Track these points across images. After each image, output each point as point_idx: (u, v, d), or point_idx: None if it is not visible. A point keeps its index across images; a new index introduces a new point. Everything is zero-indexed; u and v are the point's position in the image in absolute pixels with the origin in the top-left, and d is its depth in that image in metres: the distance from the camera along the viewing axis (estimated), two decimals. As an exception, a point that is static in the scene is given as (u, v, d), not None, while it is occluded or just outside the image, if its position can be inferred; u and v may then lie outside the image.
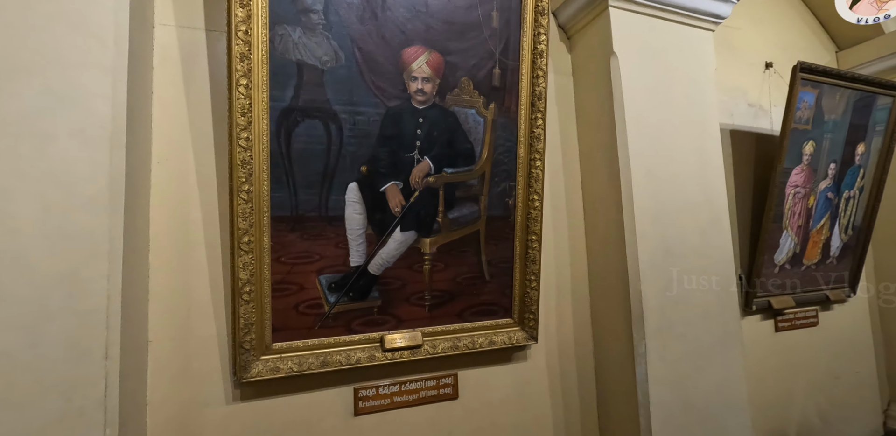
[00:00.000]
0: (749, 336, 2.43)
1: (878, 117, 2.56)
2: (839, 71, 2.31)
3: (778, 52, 2.79)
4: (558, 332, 1.98)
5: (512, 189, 1.77)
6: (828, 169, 2.48)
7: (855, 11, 2.47)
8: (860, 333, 2.84)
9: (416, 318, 1.67)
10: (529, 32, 1.73)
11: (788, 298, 2.50)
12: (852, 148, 2.53)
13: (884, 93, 2.51)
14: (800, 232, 2.48)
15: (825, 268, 2.65)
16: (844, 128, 2.47)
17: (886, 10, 2.36)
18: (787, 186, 2.36)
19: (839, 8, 2.52)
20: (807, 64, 2.21)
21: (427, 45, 1.60)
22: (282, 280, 1.49)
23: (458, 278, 1.72)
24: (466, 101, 1.67)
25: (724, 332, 1.96)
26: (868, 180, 2.65)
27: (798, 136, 2.33)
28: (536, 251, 1.80)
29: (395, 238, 1.61)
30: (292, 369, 1.48)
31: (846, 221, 2.64)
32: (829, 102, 2.36)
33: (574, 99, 2.14)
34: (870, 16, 2.41)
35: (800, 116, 2.30)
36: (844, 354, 2.75)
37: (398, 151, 1.59)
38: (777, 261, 2.45)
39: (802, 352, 2.59)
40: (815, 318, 2.66)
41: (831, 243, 2.62)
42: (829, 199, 2.53)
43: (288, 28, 1.44)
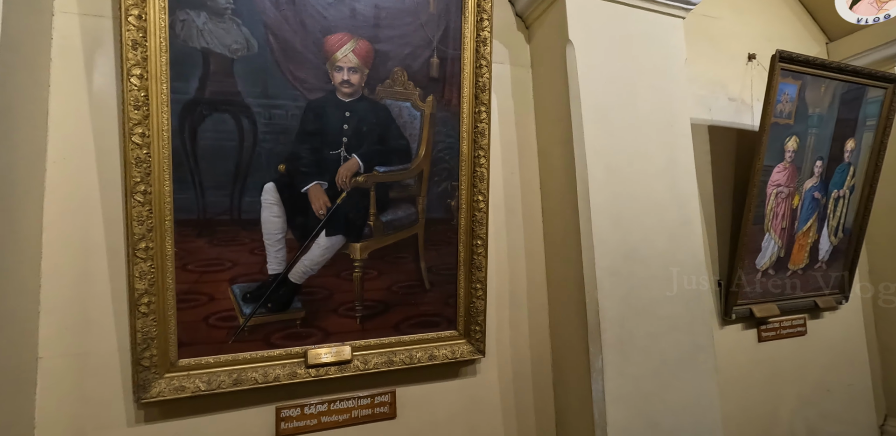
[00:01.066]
0: (729, 347, 2.26)
1: (869, 111, 2.38)
2: (823, 61, 2.14)
3: (762, 43, 2.62)
4: (513, 345, 1.83)
5: (455, 189, 1.63)
6: (814, 167, 2.30)
7: (855, 11, 2.47)
8: (853, 342, 2.65)
9: (345, 330, 1.52)
10: (472, 19, 1.59)
11: (772, 306, 2.32)
12: (841, 144, 2.36)
13: (874, 84, 2.34)
14: (784, 235, 2.30)
15: (814, 273, 2.47)
16: (831, 122, 2.29)
17: (886, 10, 2.35)
18: (768, 185, 2.19)
19: (839, 8, 2.51)
20: (787, 53, 2.04)
21: (353, 33, 1.46)
22: (189, 290, 1.35)
23: (393, 287, 1.57)
24: (400, 93, 1.53)
25: (694, 344, 1.79)
26: (859, 179, 2.46)
27: (780, 131, 2.16)
28: (482, 257, 1.65)
29: (319, 243, 1.47)
30: (200, 388, 1.34)
31: (836, 223, 2.46)
32: (813, 95, 2.19)
33: (533, 92, 1.99)
34: (870, 16, 2.42)
35: (781, 109, 2.13)
36: (836, 365, 2.56)
37: (322, 149, 1.46)
38: (759, 266, 2.27)
39: (789, 363, 2.41)
40: (803, 327, 2.48)
41: (820, 247, 2.44)
42: (816, 199, 2.35)
43: (191, 13, 1.30)
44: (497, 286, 1.82)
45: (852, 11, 2.48)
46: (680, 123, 1.90)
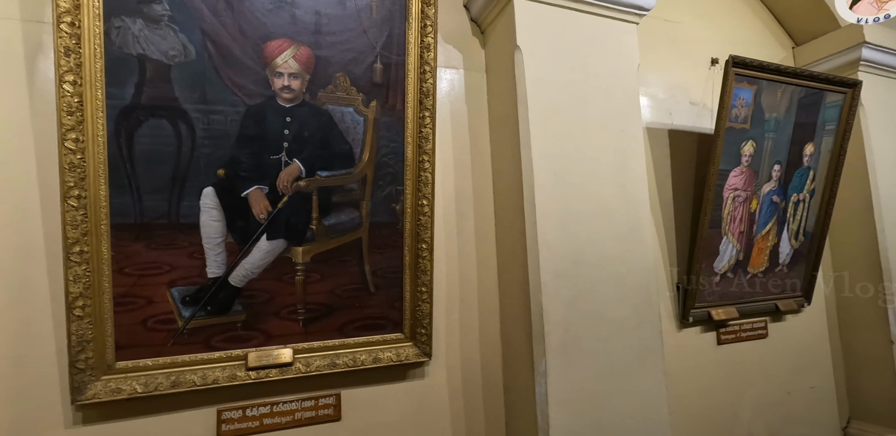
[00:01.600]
0: (688, 350, 2.28)
1: (828, 116, 2.40)
2: (778, 66, 2.16)
3: (726, 47, 2.63)
4: (463, 348, 1.84)
5: (399, 193, 1.64)
6: (771, 171, 2.32)
7: (855, 11, 2.41)
8: (817, 345, 2.67)
9: (288, 333, 1.54)
10: (415, 25, 1.60)
11: (732, 309, 2.34)
12: (799, 148, 2.37)
13: (832, 89, 2.35)
14: (742, 238, 2.32)
15: (775, 276, 2.48)
16: (789, 127, 2.31)
17: (886, 10, 2.30)
18: (724, 189, 2.21)
19: (839, 8, 2.46)
20: (740, 58, 2.06)
21: (294, 39, 1.48)
22: (126, 293, 1.37)
23: (337, 290, 1.59)
24: (343, 98, 1.55)
25: (642, 348, 1.81)
26: (819, 183, 2.48)
27: (736, 135, 2.17)
28: (428, 261, 1.67)
29: (260, 247, 1.49)
30: (136, 390, 1.36)
31: (797, 227, 2.48)
32: (769, 100, 2.21)
33: (487, 97, 2.00)
34: (870, 16, 2.36)
35: (736, 114, 2.15)
36: (798, 367, 2.58)
37: (262, 153, 1.47)
38: (717, 269, 2.29)
39: (749, 366, 2.42)
40: (764, 329, 2.49)
41: (780, 250, 2.45)
42: (775, 203, 2.37)
43: (127, 20, 1.32)
44: (448, 289, 1.83)
45: (852, 11, 2.41)
46: (632, 128, 1.92)
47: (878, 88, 2.70)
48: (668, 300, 2.27)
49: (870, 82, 2.66)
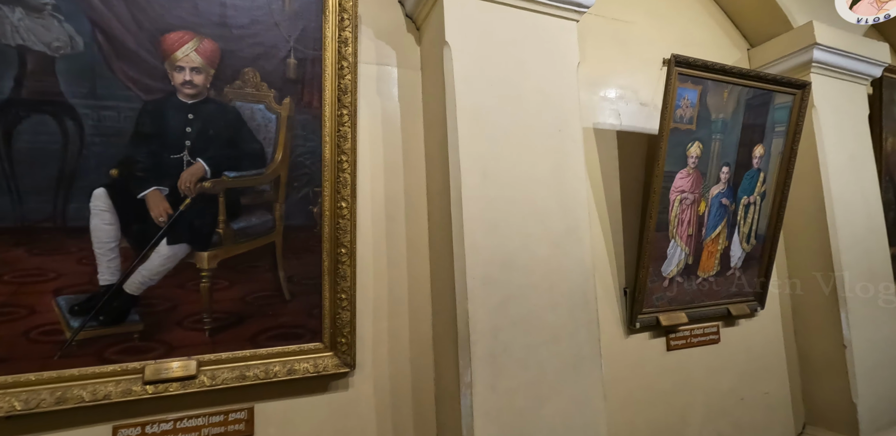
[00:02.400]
0: (635, 356, 2.22)
1: (778, 117, 2.37)
2: (722, 66, 2.12)
3: (679, 48, 2.59)
4: (392, 357, 1.76)
5: (317, 195, 1.56)
6: (720, 173, 2.28)
7: (855, 11, 2.41)
8: (771, 350, 2.63)
9: (192, 344, 1.44)
10: (332, 18, 1.53)
11: (681, 314, 2.28)
12: (748, 150, 2.34)
13: (781, 90, 2.32)
14: (690, 241, 2.27)
15: (726, 280, 2.44)
16: (737, 128, 2.27)
17: (886, 10, 2.32)
18: (671, 191, 2.16)
19: (839, 8, 2.46)
20: (683, 57, 2.01)
21: (196, 31, 1.40)
22: (5, 302, 1.26)
23: (248, 298, 1.50)
24: (252, 95, 1.47)
25: (577, 356, 1.74)
26: (770, 185, 2.45)
27: (681, 136, 2.13)
28: (347, 266, 1.59)
29: (160, 252, 1.39)
30: (15, 408, 1.25)
31: (748, 230, 2.44)
32: (714, 100, 2.17)
33: (422, 96, 1.93)
34: (870, 16, 2.37)
35: (681, 114, 2.10)
36: (751, 373, 2.53)
37: (161, 152, 1.38)
38: (666, 273, 2.24)
39: (700, 372, 2.37)
40: (716, 334, 2.44)
41: (731, 254, 2.41)
42: (724, 205, 2.33)
43: (5, 9, 1.23)
44: (376, 296, 1.75)
45: (852, 11, 2.41)
46: (570, 128, 1.86)
47: (831, 90, 2.68)
48: (614, 305, 2.21)
49: (822, 84, 2.65)
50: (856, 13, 2.41)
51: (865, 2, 2.37)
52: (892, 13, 2.29)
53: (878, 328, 2.58)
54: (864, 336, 2.52)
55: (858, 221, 2.65)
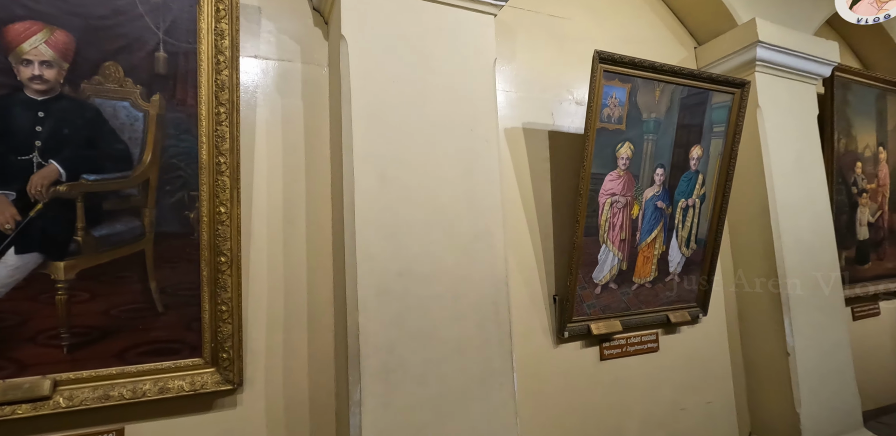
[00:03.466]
0: (565, 367, 2.12)
1: (716, 117, 2.28)
2: (652, 63, 2.03)
3: (618, 46, 2.50)
4: (288, 372, 1.65)
5: (193, 200, 1.45)
6: (654, 175, 2.19)
7: (855, 11, 2.40)
8: (714, 357, 2.54)
9: (48, 362, 1.33)
10: (208, 9, 1.42)
11: (615, 322, 2.19)
12: (685, 151, 2.25)
13: (719, 89, 2.24)
14: (624, 246, 2.18)
15: (666, 286, 2.35)
16: (671, 129, 2.18)
17: (886, 10, 2.31)
18: (600, 194, 2.07)
19: (839, 8, 2.44)
20: (607, 54, 1.92)
21: (46, 21, 1.28)
22: None
23: (113, 311, 1.38)
24: (114, 91, 1.35)
25: (486, 370, 1.64)
26: (710, 188, 2.36)
27: (610, 137, 2.03)
28: (228, 276, 1.47)
29: (7, 262, 1.27)
30: None
31: (687, 234, 2.35)
32: (646, 99, 2.08)
33: (329, 93, 1.83)
34: (870, 16, 2.36)
35: (609, 114, 2.01)
36: (693, 382, 2.44)
37: (6, 154, 1.26)
38: (598, 280, 2.14)
39: (637, 382, 2.28)
40: (655, 343, 2.35)
41: (669, 259, 2.32)
42: (660, 208, 2.24)
43: None
44: (270, 306, 1.64)
45: (852, 11, 2.40)
46: (484, 128, 1.76)
47: (777, 89, 2.61)
48: (543, 314, 2.11)
49: (767, 83, 2.58)
50: (856, 13, 2.39)
51: (865, 2, 2.36)
52: (893, 13, 2.28)
53: (823, 335, 2.51)
54: (808, 343, 2.45)
55: (805, 223, 2.57)
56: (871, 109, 3.24)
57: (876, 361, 3.23)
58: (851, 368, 2.59)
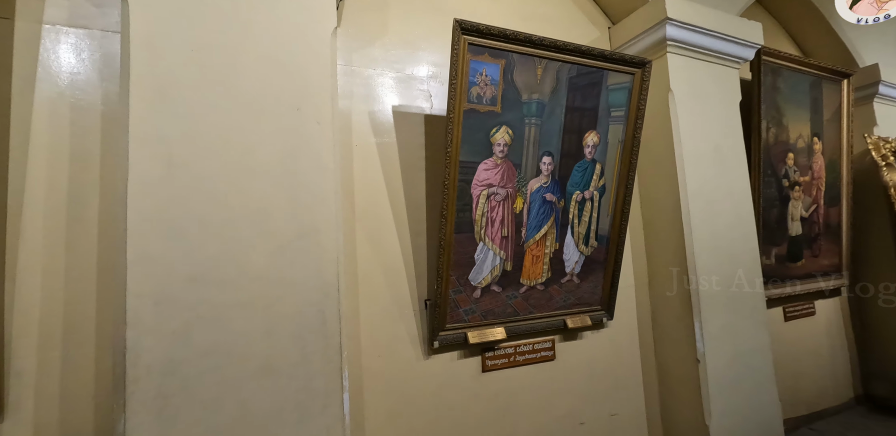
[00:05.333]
0: (437, 382, 1.88)
1: (614, 100, 2.05)
2: (529, 36, 1.79)
3: (518, 23, 2.27)
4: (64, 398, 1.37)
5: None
6: (539, 164, 1.95)
7: (855, 11, 2.43)
8: (622, 365, 2.33)
9: None
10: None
11: (498, 329, 1.96)
12: (577, 138, 2.02)
13: (616, 69, 2.01)
14: (506, 244, 1.94)
15: (562, 288, 2.12)
16: (559, 111, 1.95)
17: (886, 10, 2.33)
18: (473, 185, 1.82)
19: (839, 8, 2.47)
20: (470, 23, 1.67)
21: None
22: None
23: None
24: None
25: (306, 391, 1.39)
26: (611, 178, 2.14)
27: (481, 120, 1.79)
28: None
29: None
30: None
31: (585, 230, 2.12)
32: (525, 77, 1.84)
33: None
34: (870, 16, 2.39)
35: (479, 93, 1.77)
36: (596, 393, 2.23)
37: None
38: (476, 282, 1.90)
39: (526, 396, 2.05)
40: (551, 351, 2.13)
41: (565, 258, 2.09)
42: (550, 202, 2.01)
43: None
44: (43, 319, 1.37)
45: (852, 11, 2.43)
46: (315, 107, 1.51)
47: (691, 72, 2.39)
48: (412, 321, 1.87)
49: (680, 65, 2.36)
50: (856, 13, 2.41)
51: (865, 2, 2.37)
52: (893, 13, 2.29)
53: (739, 339, 2.30)
54: (722, 349, 2.24)
55: (723, 219, 2.36)
56: (805, 97, 3.05)
57: (811, 363, 3.06)
58: (772, 374, 2.39)
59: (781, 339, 2.92)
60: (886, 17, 2.31)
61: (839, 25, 3.32)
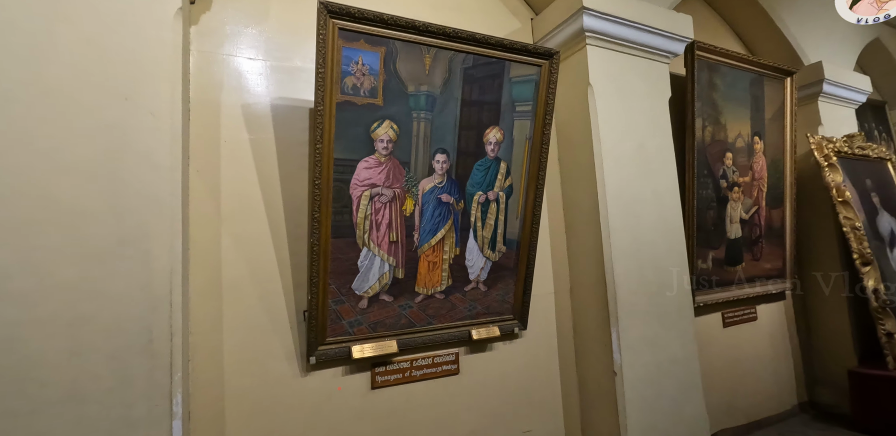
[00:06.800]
0: (314, 401, 1.71)
1: (518, 93, 1.90)
2: (412, 21, 1.62)
3: (427, 12, 2.12)
4: None
5: None
6: (432, 162, 1.79)
7: (855, 11, 2.43)
8: (537, 379, 2.18)
9: None
10: None
11: (389, 343, 1.79)
12: (476, 134, 1.86)
13: (518, 59, 1.86)
14: (396, 250, 1.78)
15: (467, 297, 1.96)
16: (453, 105, 1.79)
17: (886, 10, 2.33)
18: (352, 185, 1.66)
19: (839, 8, 2.46)
20: (339, 6, 1.51)
21: None
22: None
23: None
24: None
25: (118, 420, 1.22)
26: (519, 178, 1.99)
27: (360, 113, 1.63)
28: None
29: None
30: None
31: (490, 234, 1.97)
32: (411, 67, 1.68)
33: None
34: (870, 16, 2.39)
35: (355, 84, 1.60)
36: (507, 409, 2.07)
37: None
38: (362, 291, 1.74)
39: (423, 414, 1.89)
40: (454, 364, 1.97)
41: (468, 264, 1.94)
42: (447, 203, 1.85)
43: None
44: None
45: (852, 11, 2.44)
46: (150, 97, 1.34)
47: (613, 66, 2.25)
48: (288, 335, 1.70)
49: (600, 58, 2.22)
50: (856, 13, 2.41)
51: (865, 2, 2.38)
52: (893, 13, 2.29)
53: (661, 350, 2.16)
54: (642, 360, 2.10)
55: (645, 222, 2.23)
56: (746, 94, 2.94)
57: (751, 370, 2.94)
58: (698, 385, 2.25)
59: (719, 345, 2.80)
60: (886, 17, 2.31)
61: (784, 23, 3.22)
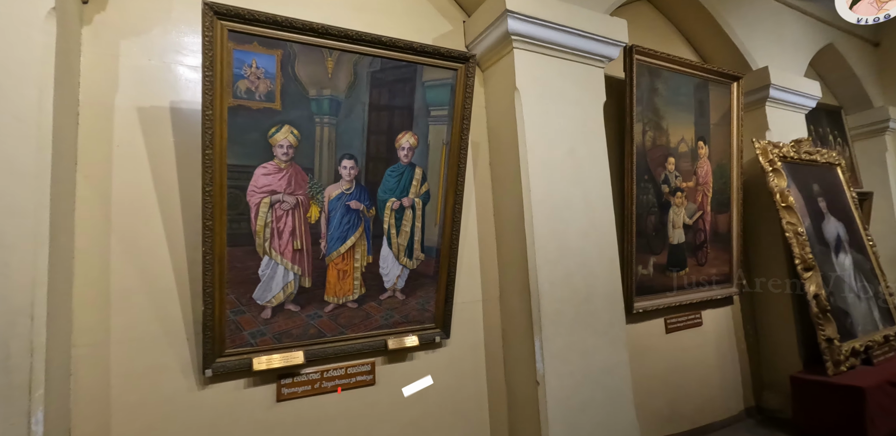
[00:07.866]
0: (212, 415, 1.65)
1: (433, 98, 1.87)
2: (309, 23, 1.58)
3: (349, 15, 2.07)
4: None
5: None
6: (338, 168, 1.75)
7: (855, 11, 2.44)
8: (461, 389, 2.13)
9: None
10: None
11: (296, 354, 1.74)
12: (388, 139, 1.82)
13: (430, 63, 1.82)
14: (301, 258, 1.73)
15: (383, 306, 1.92)
16: (360, 110, 1.75)
17: (886, 10, 2.33)
18: (249, 192, 1.61)
19: (839, 8, 2.47)
20: (225, 7, 1.46)
21: None
22: None
23: None
24: None
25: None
26: (436, 184, 1.95)
27: (256, 118, 1.58)
28: None
29: None
30: None
31: (406, 241, 1.92)
32: (312, 70, 1.64)
33: None
34: (870, 16, 2.39)
35: (250, 88, 1.55)
36: (426, 421, 2.02)
37: None
38: (265, 301, 1.68)
39: (333, 427, 1.83)
40: (370, 375, 1.92)
41: (382, 272, 1.89)
42: (356, 210, 1.80)
43: None
44: None
45: (852, 11, 2.44)
46: (14, 103, 1.27)
47: (542, 70, 2.22)
48: (184, 346, 1.63)
49: (528, 62, 2.19)
50: (856, 13, 2.41)
51: (865, 2, 2.38)
52: (893, 13, 2.29)
53: (588, 358, 2.13)
54: (567, 369, 2.06)
55: (573, 228, 2.19)
56: (690, 99, 2.93)
57: (696, 376, 2.92)
58: (629, 395, 2.22)
59: (661, 352, 2.78)
60: (886, 17, 2.31)
61: (731, 29, 3.22)
